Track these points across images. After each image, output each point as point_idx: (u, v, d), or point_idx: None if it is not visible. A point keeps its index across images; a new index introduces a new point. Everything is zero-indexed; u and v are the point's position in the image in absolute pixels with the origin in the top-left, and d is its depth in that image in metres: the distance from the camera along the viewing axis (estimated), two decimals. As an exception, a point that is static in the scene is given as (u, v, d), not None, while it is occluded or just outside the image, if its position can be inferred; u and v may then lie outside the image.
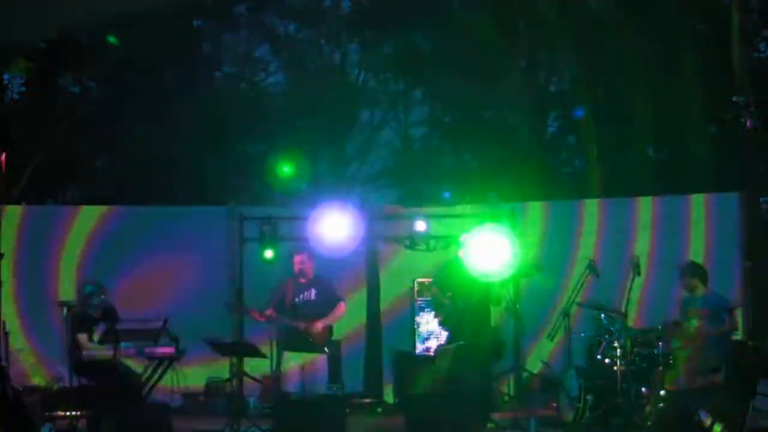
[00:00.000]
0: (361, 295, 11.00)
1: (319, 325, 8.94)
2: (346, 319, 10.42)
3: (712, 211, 10.78)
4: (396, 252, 11.01)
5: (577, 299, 9.44)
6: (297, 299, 9.06)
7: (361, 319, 10.98)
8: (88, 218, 10.88)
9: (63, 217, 10.92)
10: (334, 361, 10.29)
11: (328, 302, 9.12)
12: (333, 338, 10.24)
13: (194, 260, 10.79)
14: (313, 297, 9.11)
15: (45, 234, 10.66)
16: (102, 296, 9.02)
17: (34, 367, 10.22)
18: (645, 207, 11.06)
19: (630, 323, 8.89)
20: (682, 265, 9.05)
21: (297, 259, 9.17)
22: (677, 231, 10.77)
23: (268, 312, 8.98)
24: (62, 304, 9.14)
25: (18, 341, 10.07)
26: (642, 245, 10.59)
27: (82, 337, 8.82)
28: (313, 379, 8.96)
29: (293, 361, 8.98)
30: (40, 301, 10.36)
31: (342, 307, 9.20)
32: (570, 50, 17.32)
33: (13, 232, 10.24)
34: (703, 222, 10.76)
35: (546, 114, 18.81)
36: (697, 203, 10.97)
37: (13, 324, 9.91)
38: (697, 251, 10.43)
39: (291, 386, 8.98)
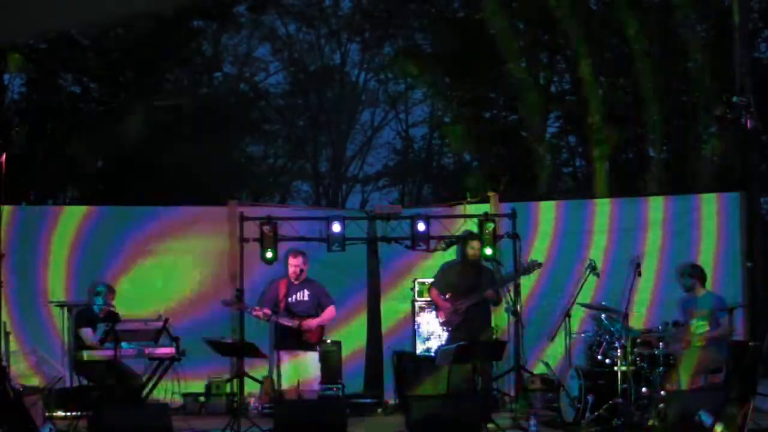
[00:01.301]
0: (361, 296, 10.99)
1: (312, 323, 8.98)
2: (347, 319, 10.43)
3: (713, 212, 10.78)
4: (396, 252, 11.00)
5: (578, 299, 9.43)
6: (290, 299, 9.10)
7: (361, 319, 10.97)
8: (87, 218, 10.86)
9: (62, 217, 10.89)
10: (333, 361, 10.31)
11: (319, 303, 9.20)
12: (333, 338, 10.32)
13: (194, 260, 10.79)
14: (306, 298, 9.18)
15: (44, 234, 10.64)
16: (110, 300, 9.12)
17: (34, 368, 10.21)
18: (646, 207, 11.05)
19: (631, 324, 8.88)
20: (681, 265, 9.05)
21: (292, 261, 9.22)
22: (678, 231, 10.78)
23: (266, 311, 9.02)
24: (60, 304, 9.16)
25: (15, 342, 10.05)
26: (643, 246, 10.59)
27: (86, 331, 8.84)
28: (308, 379, 8.97)
29: (287, 361, 9.00)
30: (39, 302, 10.35)
31: (332, 310, 9.28)
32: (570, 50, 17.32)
33: (13, 233, 10.23)
34: (703, 222, 10.76)
35: (546, 114, 18.78)
36: (698, 204, 10.97)
37: (12, 325, 9.90)
38: (697, 251, 10.43)
39: (287, 386, 8.99)
